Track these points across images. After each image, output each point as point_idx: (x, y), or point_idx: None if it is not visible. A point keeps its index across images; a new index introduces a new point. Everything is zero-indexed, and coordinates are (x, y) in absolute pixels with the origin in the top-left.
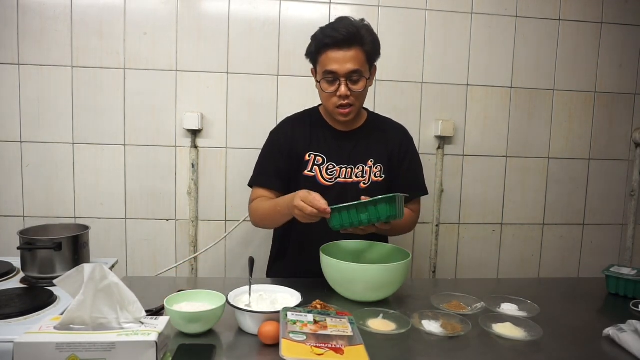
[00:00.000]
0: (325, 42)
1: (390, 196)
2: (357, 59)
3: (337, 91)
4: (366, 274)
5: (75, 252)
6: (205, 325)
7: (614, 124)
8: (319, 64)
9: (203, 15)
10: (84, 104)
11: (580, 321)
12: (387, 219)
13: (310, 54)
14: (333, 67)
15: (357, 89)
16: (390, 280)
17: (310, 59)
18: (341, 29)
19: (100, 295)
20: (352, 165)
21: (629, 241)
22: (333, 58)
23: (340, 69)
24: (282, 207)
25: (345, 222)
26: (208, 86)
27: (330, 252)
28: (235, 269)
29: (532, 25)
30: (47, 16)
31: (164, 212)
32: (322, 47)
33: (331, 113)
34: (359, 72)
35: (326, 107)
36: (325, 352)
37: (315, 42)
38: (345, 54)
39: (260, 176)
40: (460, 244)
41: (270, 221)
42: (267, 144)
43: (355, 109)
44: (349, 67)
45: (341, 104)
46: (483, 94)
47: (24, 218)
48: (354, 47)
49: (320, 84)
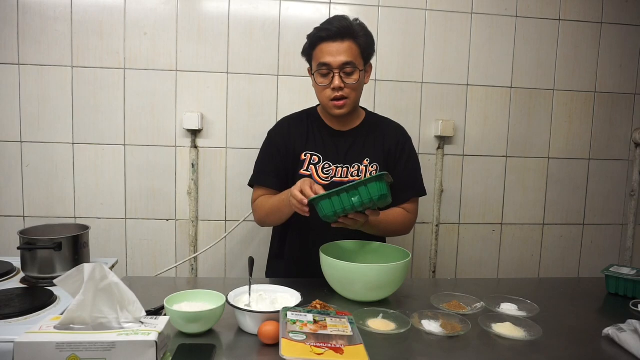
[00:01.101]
0: (319, 35)
1: (379, 174)
2: (351, 51)
3: (330, 83)
4: (366, 274)
5: (75, 252)
6: (205, 325)
7: (614, 124)
8: (314, 58)
9: (203, 15)
10: (84, 104)
11: (580, 321)
12: (380, 198)
13: (305, 50)
14: (326, 59)
15: (350, 81)
16: (389, 280)
17: (306, 56)
18: (334, 22)
19: (101, 295)
20: (348, 165)
21: (629, 241)
22: (326, 51)
23: (334, 61)
24: (285, 201)
25: (338, 207)
26: (208, 86)
27: (330, 252)
28: (235, 269)
29: (532, 25)
30: (47, 16)
31: (164, 212)
32: (316, 41)
33: (326, 107)
34: (352, 64)
35: (321, 102)
36: (325, 352)
37: (309, 39)
38: (339, 47)
39: (259, 175)
40: (460, 244)
41: (275, 217)
42: (265, 143)
43: (349, 102)
44: (342, 59)
45: (335, 97)
46: (483, 93)
47: (24, 218)
48: (347, 40)
49: (314, 77)
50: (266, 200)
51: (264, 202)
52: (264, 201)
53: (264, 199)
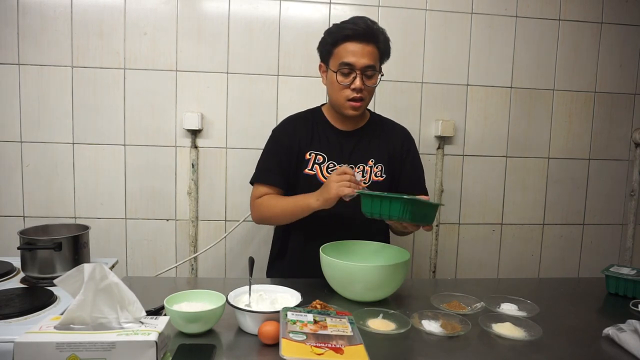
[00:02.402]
0: (345, 33)
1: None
2: (373, 55)
3: (351, 84)
4: (366, 273)
5: (75, 252)
6: (205, 325)
7: (614, 124)
8: (334, 55)
9: (203, 15)
10: (84, 104)
11: (580, 321)
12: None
13: (324, 45)
14: (350, 59)
15: (371, 83)
16: (389, 280)
17: (323, 51)
18: (360, 23)
19: (101, 295)
20: (353, 165)
21: (629, 241)
22: (351, 50)
23: (358, 62)
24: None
25: (375, 210)
26: (208, 86)
27: (330, 251)
28: (235, 269)
29: (532, 25)
30: (47, 16)
31: (164, 212)
32: (341, 39)
33: (340, 107)
34: (373, 67)
35: (336, 100)
36: (325, 352)
37: (331, 35)
38: (364, 48)
39: (263, 173)
40: (460, 243)
41: (285, 219)
42: (270, 141)
43: (365, 104)
44: (366, 62)
45: (353, 97)
46: (483, 94)
47: (24, 218)
48: (371, 43)
49: (335, 75)
50: (274, 200)
51: (270, 201)
52: (270, 201)
53: (269, 198)
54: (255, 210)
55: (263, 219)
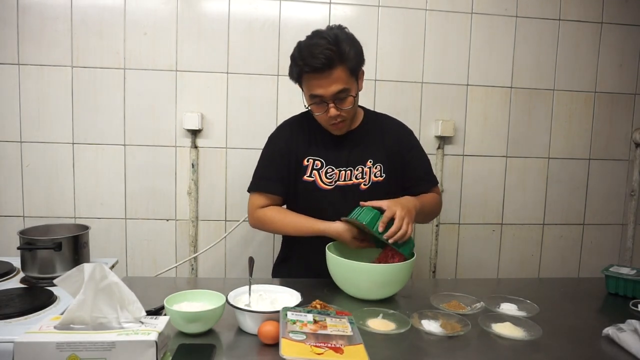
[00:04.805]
0: (305, 70)
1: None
2: (341, 79)
3: (327, 112)
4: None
5: (75, 252)
6: (205, 325)
7: (614, 124)
8: (304, 86)
9: (203, 15)
10: (84, 104)
11: (580, 321)
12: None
13: (292, 75)
14: (318, 91)
15: (346, 105)
16: (395, 279)
17: (293, 80)
18: (318, 54)
19: (101, 294)
20: (351, 167)
21: (629, 241)
22: (316, 84)
23: (326, 93)
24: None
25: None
26: (208, 86)
27: (336, 250)
28: (235, 269)
29: (532, 25)
30: (47, 16)
31: (164, 212)
32: (304, 72)
33: (326, 127)
34: (345, 90)
35: (320, 122)
36: (325, 352)
37: (296, 66)
38: (328, 77)
39: (261, 181)
40: (460, 244)
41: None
42: (267, 148)
43: (348, 122)
44: (334, 89)
45: (333, 122)
46: (483, 94)
47: (24, 218)
48: (335, 68)
49: (310, 107)
50: (281, 214)
51: (277, 215)
52: (277, 214)
53: (275, 211)
54: (255, 219)
55: (262, 228)
